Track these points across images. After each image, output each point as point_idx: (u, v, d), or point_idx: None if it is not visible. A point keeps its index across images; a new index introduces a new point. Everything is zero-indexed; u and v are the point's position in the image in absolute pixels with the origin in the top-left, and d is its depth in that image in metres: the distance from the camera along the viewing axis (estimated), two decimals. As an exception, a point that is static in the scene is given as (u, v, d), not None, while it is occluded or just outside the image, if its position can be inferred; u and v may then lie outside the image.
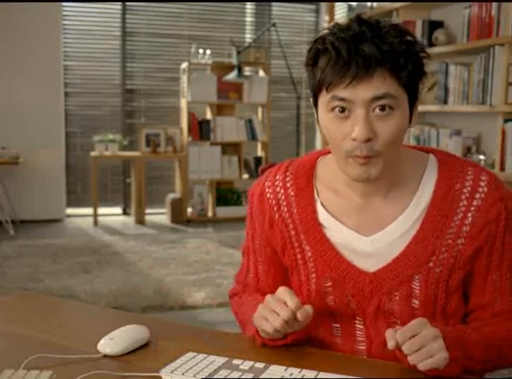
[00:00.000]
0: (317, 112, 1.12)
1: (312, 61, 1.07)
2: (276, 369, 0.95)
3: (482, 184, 1.10)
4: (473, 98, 3.69)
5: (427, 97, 4.09)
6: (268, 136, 6.23)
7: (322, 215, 1.16)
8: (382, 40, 1.00)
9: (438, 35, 4.08)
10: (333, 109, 1.04)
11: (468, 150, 3.84)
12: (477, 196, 1.09)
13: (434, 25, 4.16)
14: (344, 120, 1.03)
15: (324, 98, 1.05)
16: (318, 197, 1.18)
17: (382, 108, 1.01)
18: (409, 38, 1.03)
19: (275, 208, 1.20)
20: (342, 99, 1.02)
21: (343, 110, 1.03)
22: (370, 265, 1.11)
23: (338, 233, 1.14)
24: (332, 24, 1.10)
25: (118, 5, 6.29)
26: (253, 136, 6.21)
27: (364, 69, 0.99)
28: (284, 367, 0.95)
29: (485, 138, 3.80)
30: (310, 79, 1.08)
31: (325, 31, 1.07)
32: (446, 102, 3.91)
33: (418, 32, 4.16)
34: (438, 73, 4.02)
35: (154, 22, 6.44)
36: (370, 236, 1.12)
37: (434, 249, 1.08)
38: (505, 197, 1.09)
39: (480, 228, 1.08)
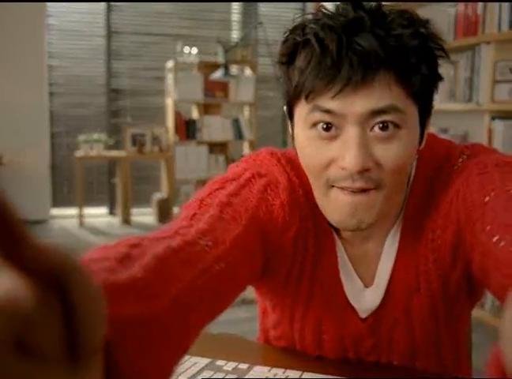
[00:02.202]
0: (292, 126, 0.84)
1: (287, 59, 0.80)
2: (259, 370, 0.92)
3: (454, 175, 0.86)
4: (460, 96, 3.68)
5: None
6: (255, 136, 6.21)
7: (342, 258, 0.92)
8: (386, 31, 0.73)
9: (425, 33, 4.08)
10: (314, 124, 0.77)
11: (454, 148, 3.84)
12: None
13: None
14: (330, 141, 0.76)
15: (302, 108, 0.78)
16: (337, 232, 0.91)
17: (384, 126, 0.74)
18: (423, 30, 0.76)
19: (303, 223, 0.88)
20: (328, 112, 0.75)
21: (329, 127, 0.76)
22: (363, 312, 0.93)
23: (350, 282, 0.92)
24: (317, 7, 0.82)
25: (102, 4, 6.24)
26: (240, 135, 6.18)
27: (361, 71, 0.72)
28: (268, 368, 0.92)
29: (472, 136, 3.80)
30: (285, 82, 0.81)
31: (308, 17, 0.79)
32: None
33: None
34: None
35: (139, 21, 6.40)
36: (370, 286, 0.92)
37: (418, 272, 0.88)
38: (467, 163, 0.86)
39: (445, 211, 0.85)
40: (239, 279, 0.74)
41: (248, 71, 6.23)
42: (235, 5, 6.79)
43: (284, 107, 0.85)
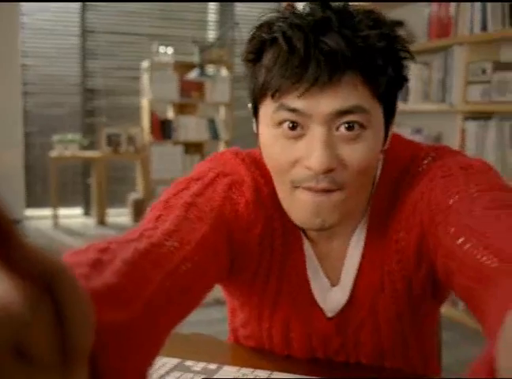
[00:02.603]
0: (257, 124, 0.84)
1: (254, 56, 0.79)
2: (228, 370, 0.92)
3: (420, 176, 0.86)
4: (433, 97, 3.72)
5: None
6: (230, 136, 6.20)
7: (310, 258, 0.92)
8: (353, 32, 0.73)
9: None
10: (280, 123, 0.77)
11: (428, 148, 3.87)
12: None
13: (394, 25, 4.18)
14: (296, 140, 0.76)
15: (268, 107, 0.78)
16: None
17: (350, 126, 0.75)
18: (389, 31, 0.77)
19: (269, 222, 0.88)
20: (294, 111, 0.75)
21: (294, 126, 0.76)
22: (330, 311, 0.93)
23: (317, 280, 0.92)
24: (284, 6, 0.81)
25: (77, 3, 6.19)
26: (215, 135, 6.17)
27: (328, 71, 0.72)
28: (237, 368, 0.92)
29: (445, 136, 3.84)
30: (251, 80, 0.81)
31: (274, 15, 0.79)
32: (406, 100, 3.93)
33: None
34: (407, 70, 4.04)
35: (115, 20, 6.36)
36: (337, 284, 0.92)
37: (382, 274, 0.89)
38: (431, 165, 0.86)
39: (409, 213, 0.85)
40: (206, 278, 0.74)
41: (224, 71, 6.22)
42: (212, 5, 6.78)
43: (249, 105, 0.85)
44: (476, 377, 0.44)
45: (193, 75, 5.65)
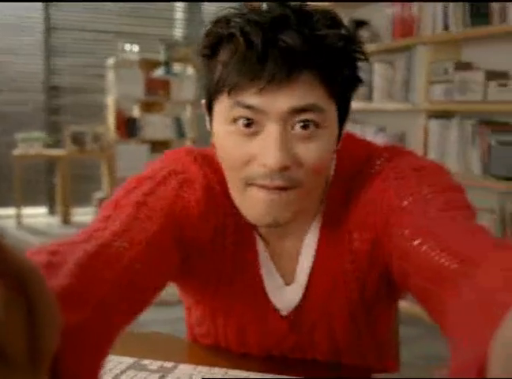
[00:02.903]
0: (211, 121, 0.82)
1: (210, 51, 0.78)
2: (185, 368, 0.91)
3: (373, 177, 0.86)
4: (397, 96, 3.75)
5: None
6: (196, 134, 6.17)
7: (263, 255, 0.92)
8: (311, 30, 0.73)
9: (363, 33, 4.14)
10: (235, 120, 0.76)
11: (392, 147, 3.91)
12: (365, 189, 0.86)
13: (359, 24, 4.21)
14: (251, 137, 0.75)
15: (223, 103, 0.77)
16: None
17: (305, 125, 0.74)
18: (345, 32, 0.77)
19: (221, 220, 0.88)
20: (250, 108, 0.74)
21: (249, 123, 0.75)
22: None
23: (271, 279, 0.92)
24: (242, 4, 0.80)
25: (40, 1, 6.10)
26: (181, 133, 6.14)
27: (285, 69, 0.71)
28: (193, 366, 0.92)
29: (409, 135, 3.88)
30: (206, 75, 0.80)
31: (232, 11, 0.78)
32: (370, 99, 3.96)
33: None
34: (362, 71, 4.07)
35: (79, 17, 6.29)
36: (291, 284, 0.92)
37: (336, 274, 0.89)
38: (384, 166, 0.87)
39: (362, 214, 0.85)
40: (157, 277, 0.75)
41: (190, 69, 6.20)
42: (179, 3, 6.75)
43: (203, 101, 0.83)
44: (462, 377, 0.44)
45: (159, 73, 5.63)
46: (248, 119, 0.75)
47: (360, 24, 4.21)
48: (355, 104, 3.86)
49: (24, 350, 0.33)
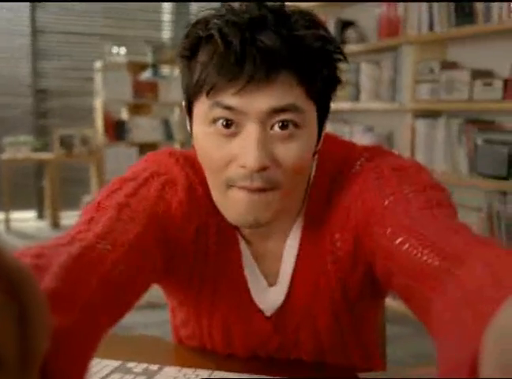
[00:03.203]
0: (191, 122, 0.83)
1: (189, 53, 0.78)
2: (170, 371, 0.91)
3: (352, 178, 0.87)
4: (384, 95, 3.77)
5: (339, 94, 4.16)
6: (185, 136, 6.16)
7: (246, 258, 0.92)
8: (289, 31, 0.73)
9: (350, 33, 4.15)
10: (214, 121, 0.76)
11: (380, 147, 3.92)
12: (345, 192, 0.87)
13: (345, 24, 4.23)
14: (230, 138, 0.76)
15: (202, 104, 0.77)
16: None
17: (284, 125, 0.75)
18: (323, 33, 0.77)
19: (203, 221, 0.89)
20: (229, 108, 0.74)
21: (229, 124, 0.75)
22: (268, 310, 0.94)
23: (255, 280, 0.93)
24: (221, 4, 0.79)
25: (26, 1, 6.07)
26: (170, 136, 6.13)
27: (264, 69, 0.71)
28: (179, 368, 0.92)
29: (396, 135, 3.89)
30: (185, 77, 0.80)
31: (211, 13, 0.78)
32: (358, 99, 3.97)
33: (331, 31, 4.22)
34: (350, 71, 4.09)
35: (66, 20, 6.27)
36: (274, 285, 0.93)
37: (318, 275, 0.89)
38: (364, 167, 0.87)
39: (343, 215, 0.86)
40: (141, 279, 0.75)
41: (178, 71, 6.18)
42: (166, 5, 6.75)
43: (183, 103, 0.84)
44: (454, 377, 0.44)
45: (146, 75, 5.62)
46: (227, 120, 0.75)
47: (347, 24, 4.22)
48: (343, 104, 3.88)
49: (14, 352, 0.33)
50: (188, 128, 0.85)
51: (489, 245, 0.62)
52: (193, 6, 6.70)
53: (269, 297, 0.93)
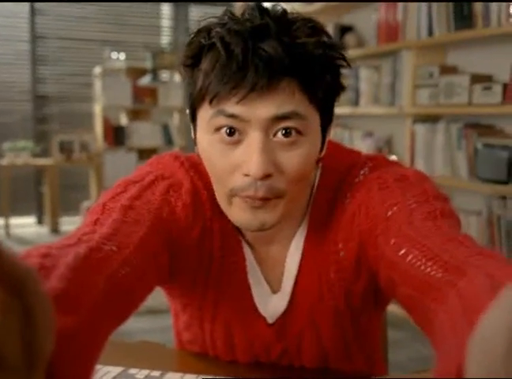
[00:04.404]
0: (195, 129, 0.83)
1: (192, 61, 0.78)
2: (172, 377, 0.91)
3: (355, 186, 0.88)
4: (383, 100, 3.77)
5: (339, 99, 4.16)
6: (185, 141, 6.17)
7: (250, 262, 0.92)
8: (291, 39, 0.74)
9: (349, 38, 4.16)
10: (218, 129, 0.76)
11: (380, 151, 3.92)
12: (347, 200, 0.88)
13: (344, 30, 4.24)
14: (234, 146, 0.76)
15: (206, 112, 0.77)
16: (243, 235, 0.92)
17: (287, 132, 0.75)
18: (326, 39, 0.78)
19: (207, 224, 0.89)
20: (232, 116, 0.74)
21: (232, 131, 0.75)
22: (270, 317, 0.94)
23: (258, 286, 0.93)
24: (223, 12, 0.80)
25: (26, 8, 6.07)
26: (169, 141, 6.13)
27: (266, 77, 0.71)
28: (181, 374, 0.92)
29: (396, 139, 3.90)
30: (189, 84, 0.80)
31: (213, 21, 0.79)
32: (357, 104, 3.98)
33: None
34: (349, 76, 4.10)
35: (65, 25, 6.27)
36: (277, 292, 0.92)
37: (321, 282, 0.90)
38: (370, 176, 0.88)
39: (347, 225, 0.87)
40: (146, 280, 0.75)
41: (177, 76, 6.19)
42: (165, 11, 6.76)
43: (187, 110, 0.84)
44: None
45: (145, 80, 5.63)
46: (230, 128, 0.75)
47: (346, 29, 4.23)
48: (342, 109, 3.88)
49: (19, 353, 0.33)
50: (192, 135, 0.85)
51: (491, 256, 0.62)
52: (193, 12, 6.71)
53: (272, 304, 0.93)
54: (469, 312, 0.50)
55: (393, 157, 3.75)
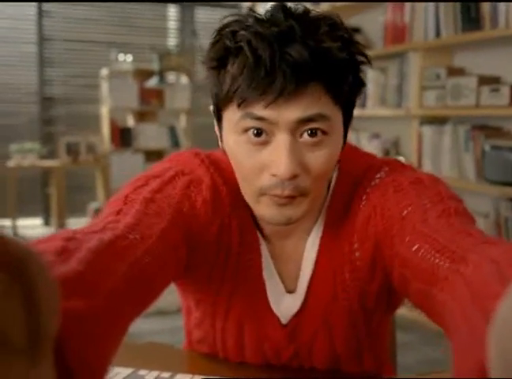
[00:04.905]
0: (220, 128, 0.85)
1: (218, 63, 0.79)
2: (181, 378, 0.91)
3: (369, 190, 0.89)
4: (390, 102, 3.77)
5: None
6: (191, 143, 6.17)
7: (266, 259, 0.93)
8: (316, 43, 0.74)
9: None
10: (245, 130, 0.78)
11: (387, 153, 3.92)
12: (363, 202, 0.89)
13: (352, 31, 4.23)
14: (261, 146, 0.78)
15: (233, 114, 0.79)
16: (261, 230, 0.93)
17: (313, 133, 0.77)
18: (349, 40, 0.78)
19: (226, 221, 0.90)
20: (260, 119, 0.76)
21: (259, 132, 0.77)
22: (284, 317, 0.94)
23: (273, 284, 0.93)
24: (246, 11, 0.81)
25: (33, 10, 6.09)
26: (176, 143, 6.13)
27: (294, 83, 0.73)
28: (191, 375, 0.92)
29: (403, 141, 3.89)
30: (214, 85, 0.81)
31: (235, 20, 0.80)
32: (364, 106, 3.98)
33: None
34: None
35: (72, 27, 6.28)
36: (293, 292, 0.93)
37: (335, 283, 0.90)
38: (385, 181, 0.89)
39: (362, 226, 0.88)
40: (165, 271, 0.76)
41: (184, 78, 6.20)
42: (172, 13, 6.77)
43: (211, 107, 0.85)
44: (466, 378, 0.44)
45: (152, 82, 5.63)
46: (258, 129, 0.77)
47: (353, 31, 4.22)
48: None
49: (24, 335, 0.33)
50: (217, 132, 0.87)
51: (496, 243, 0.63)
52: (199, 14, 6.72)
53: (286, 303, 0.93)
54: (478, 298, 0.51)
55: (401, 158, 3.74)
